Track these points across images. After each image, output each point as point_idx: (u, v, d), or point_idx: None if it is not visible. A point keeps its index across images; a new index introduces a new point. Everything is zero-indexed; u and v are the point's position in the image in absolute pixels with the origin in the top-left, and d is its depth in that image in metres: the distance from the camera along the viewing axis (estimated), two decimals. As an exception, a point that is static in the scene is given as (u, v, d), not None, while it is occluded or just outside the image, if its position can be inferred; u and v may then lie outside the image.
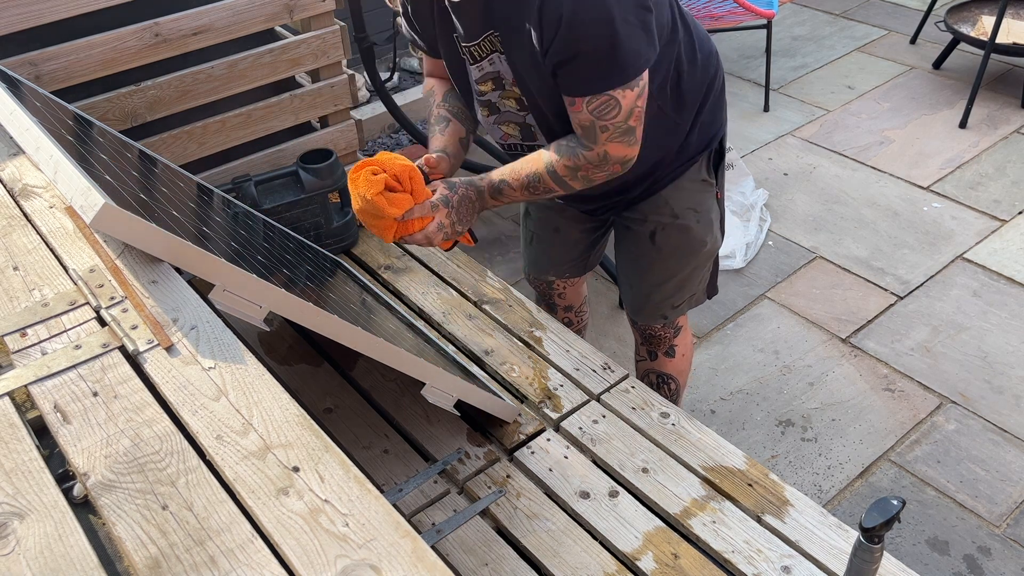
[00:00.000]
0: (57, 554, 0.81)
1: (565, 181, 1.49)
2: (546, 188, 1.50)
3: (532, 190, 1.51)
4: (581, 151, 1.45)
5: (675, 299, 1.82)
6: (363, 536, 0.82)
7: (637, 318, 1.90)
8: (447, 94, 1.66)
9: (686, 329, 1.96)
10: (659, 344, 1.94)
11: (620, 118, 1.38)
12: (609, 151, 1.43)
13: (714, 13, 3.42)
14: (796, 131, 3.60)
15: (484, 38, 1.44)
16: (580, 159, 1.45)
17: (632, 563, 1.41)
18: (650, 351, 1.97)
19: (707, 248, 1.76)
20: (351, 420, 1.69)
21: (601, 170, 1.47)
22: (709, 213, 1.73)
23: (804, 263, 2.91)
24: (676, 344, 1.94)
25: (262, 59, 2.15)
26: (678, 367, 1.99)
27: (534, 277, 2.07)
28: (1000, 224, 3.03)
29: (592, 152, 1.44)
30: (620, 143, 1.42)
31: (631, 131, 1.41)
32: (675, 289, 1.80)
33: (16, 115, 1.34)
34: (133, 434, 0.93)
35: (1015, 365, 2.49)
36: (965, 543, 2.04)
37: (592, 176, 1.48)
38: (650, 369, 2.00)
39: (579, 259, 1.98)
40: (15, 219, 1.27)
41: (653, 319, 1.87)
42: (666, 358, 1.96)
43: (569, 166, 1.46)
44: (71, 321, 1.08)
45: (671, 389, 2.02)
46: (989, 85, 3.77)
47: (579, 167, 1.46)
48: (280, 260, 1.52)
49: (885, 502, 1.15)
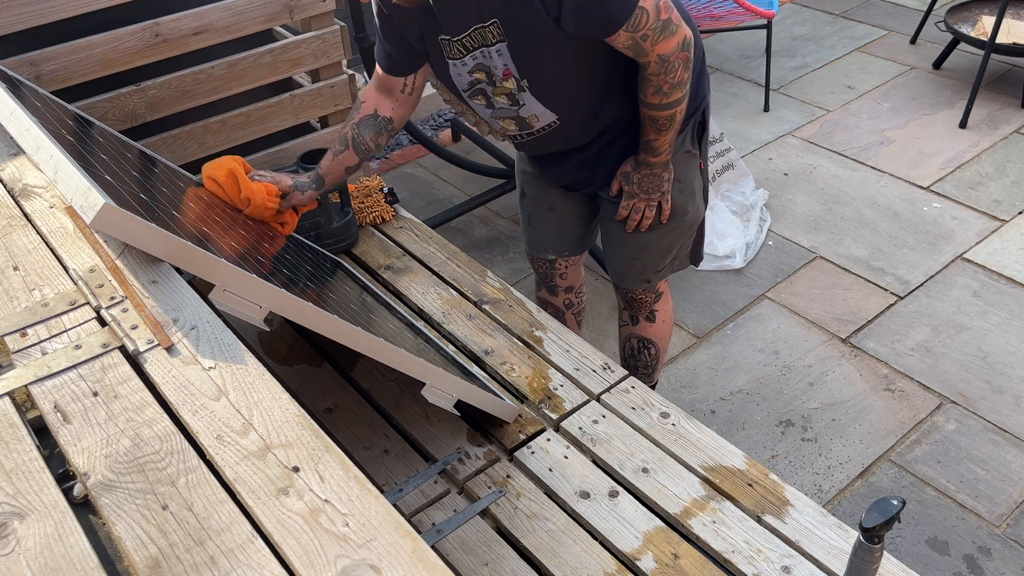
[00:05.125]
0: (57, 554, 0.81)
1: (665, 102, 1.57)
2: (666, 118, 1.60)
3: (663, 127, 1.62)
4: (645, 73, 1.53)
5: (657, 264, 1.92)
6: (363, 536, 0.82)
7: (621, 283, 2.00)
8: (364, 119, 1.75)
9: (667, 296, 2.06)
10: (641, 308, 2.04)
11: (652, 20, 1.45)
12: (660, 52, 1.49)
13: (714, 13, 3.42)
14: (796, 131, 3.60)
15: (473, 30, 1.49)
16: (651, 79, 1.53)
17: (632, 563, 1.41)
18: (632, 315, 2.07)
19: (689, 217, 1.84)
20: (351, 420, 1.69)
21: (671, 71, 1.52)
22: (692, 183, 1.81)
23: (804, 263, 2.91)
24: (657, 309, 2.05)
25: (262, 59, 2.15)
26: (658, 332, 2.09)
27: (535, 257, 2.12)
28: (1000, 224, 3.03)
29: (651, 64, 1.51)
30: (664, 40, 1.48)
31: (667, 23, 1.47)
32: (657, 256, 1.90)
33: (16, 115, 1.34)
34: (133, 434, 0.93)
35: (1015, 365, 2.49)
36: (965, 543, 2.04)
37: (674, 81, 1.54)
38: (632, 334, 2.10)
39: (576, 236, 2.04)
40: (15, 219, 1.27)
41: (636, 283, 1.96)
42: (647, 322, 2.06)
43: (652, 92, 1.55)
44: (71, 321, 1.08)
45: (651, 354, 2.11)
46: (989, 85, 3.77)
47: (658, 85, 1.54)
48: (280, 260, 1.52)
49: (885, 502, 1.15)
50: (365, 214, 2.21)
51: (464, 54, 1.55)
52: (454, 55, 1.57)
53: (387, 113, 1.76)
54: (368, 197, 2.23)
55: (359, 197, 2.23)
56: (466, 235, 3.14)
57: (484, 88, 1.61)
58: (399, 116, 1.78)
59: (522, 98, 1.60)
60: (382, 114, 1.76)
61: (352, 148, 1.75)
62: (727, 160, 3.05)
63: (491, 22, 1.47)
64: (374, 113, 1.75)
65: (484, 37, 1.50)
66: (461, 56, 1.56)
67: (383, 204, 2.23)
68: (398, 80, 1.72)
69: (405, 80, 1.73)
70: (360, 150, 1.76)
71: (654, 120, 1.61)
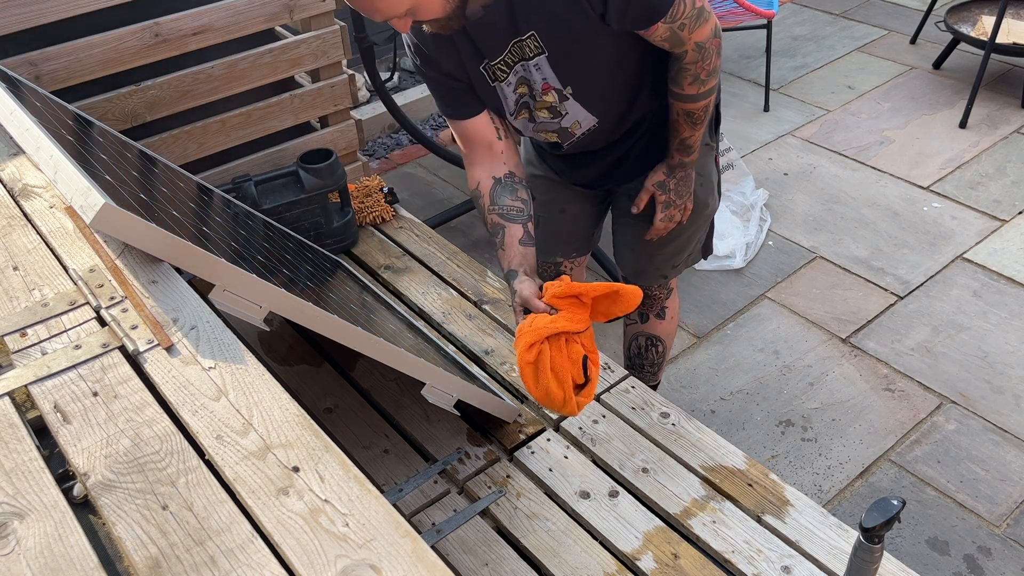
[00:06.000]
0: (57, 554, 0.81)
1: (703, 92, 1.55)
2: (701, 109, 1.59)
3: (698, 121, 1.60)
4: (681, 63, 1.52)
5: (675, 259, 1.91)
6: (363, 536, 0.82)
7: (637, 280, 1.95)
8: (491, 194, 1.58)
9: (676, 292, 2.05)
10: (652, 305, 2.02)
11: (688, 8, 1.44)
12: (696, 39, 1.48)
13: (714, 13, 3.41)
14: (796, 131, 3.59)
15: (513, 45, 1.47)
16: (688, 68, 1.52)
17: (632, 563, 1.41)
18: (642, 313, 2.05)
19: (708, 209, 1.84)
20: (351, 420, 1.69)
21: (708, 58, 1.52)
22: (711, 176, 1.81)
23: (804, 263, 2.91)
24: (667, 306, 2.04)
25: (262, 59, 2.15)
26: (667, 329, 2.08)
27: (543, 260, 2.07)
28: (1000, 224, 3.03)
29: (686, 54, 1.50)
30: (700, 27, 1.48)
31: (701, 11, 1.47)
32: (676, 250, 1.88)
33: (16, 115, 1.34)
34: (133, 434, 0.93)
35: (1015, 365, 2.49)
36: (965, 543, 2.04)
37: (710, 68, 1.53)
38: (640, 332, 2.08)
39: (585, 237, 2.03)
40: (15, 219, 1.27)
41: (654, 280, 1.95)
42: (656, 320, 2.05)
43: (690, 82, 1.53)
44: (71, 321, 1.08)
45: (658, 351, 2.09)
46: (989, 85, 3.77)
47: (696, 74, 1.53)
48: (280, 260, 1.52)
49: (885, 502, 1.15)
50: (365, 214, 2.21)
51: (507, 72, 1.51)
52: (499, 77, 1.52)
53: (501, 172, 1.59)
54: (368, 197, 2.23)
55: (359, 197, 2.23)
56: (466, 235, 3.13)
57: (528, 102, 1.57)
58: (514, 163, 1.61)
59: (564, 108, 1.57)
60: (498, 175, 1.59)
61: (507, 224, 1.56)
62: (727, 160, 3.06)
63: (528, 35, 1.45)
64: (495, 181, 1.58)
65: (523, 51, 1.47)
66: (505, 76, 1.51)
67: (383, 204, 2.23)
68: (482, 128, 1.59)
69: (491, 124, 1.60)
70: (513, 217, 1.57)
71: (690, 114, 1.58)
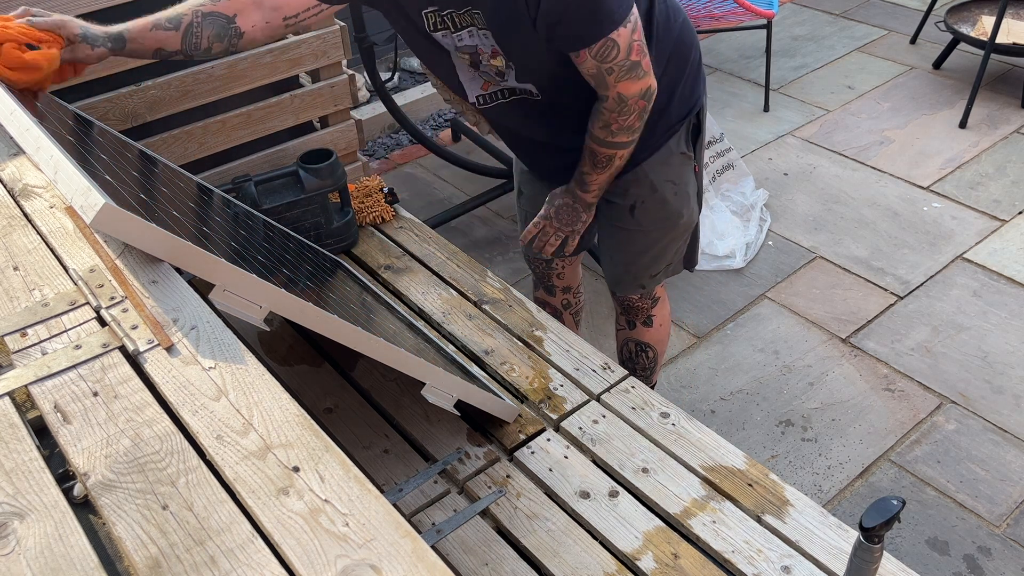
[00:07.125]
0: (57, 554, 0.81)
1: (609, 140, 1.55)
2: (605, 156, 1.58)
3: (600, 164, 1.60)
4: (601, 105, 1.50)
5: (652, 269, 1.90)
6: (363, 536, 0.82)
7: (616, 289, 1.98)
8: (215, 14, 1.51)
9: (664, 300, 2.05)
10: (637, 314, 2.03)
11: (622, 56, 1.42)
12: (621, 91, 1.47)
13: (714, 13, 3.42)
14: (796, 131, 3.60)
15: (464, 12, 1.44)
16: (604, 113, 1.51)
17: (632, 563, 1.41)
18: (629, 321, 2.06)
19: (684, 220, 1.83)
20: (351, 420, 1.69)
21: (626, 114, 1.50)
22: (687, 186, 1.79)
23: (804, 263, 2.91)
24: (654, 314, 2.04)
25: (262, 59, 2.15)
26: (656, 336, 2.08)
27: (532, 256, 2.11)
28: (1000, 224, 3.03)
29: (608, 99, 1.48)
30: (628, 80, 1.46)
31: (636, 66, 1.45)
32: (651, 261, 1.88)
33: (16, 115, 1.34)
34: (133, 434, 0.93)
35: (1015, 365, 2.49)
36: (965, 543, 2.04)
37: (624, 124, 1.52)
38: (629, 338, 2.09)
39: None
40: (15, 219, 1.27)
41: (632, 290, 1.95)
42: (644, 327, 2.05)
43: (600, 126, 1.53)
44: (71, 321, 1.08)
45: (649, 357, 2.10)
46: (989, 85, 3.77)
47: (608, 122, 1.52)
48: (280, 260, 1.52)
49: (885, 502, 1.15)
50: (365, 214, 2.21)
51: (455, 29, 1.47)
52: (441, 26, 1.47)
53: (245, 26, 1.53)
54: (368, 197, 2.23)
55: (359, 197, 2.23)
56: (466, 235, 3.14)
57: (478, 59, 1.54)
58: (252, 39, 1.55)
59: (509, 75, 1.56)
60: (238, 23, 1.53)
61: (182, 34, 1.49)
62: (727, 160, 3.06)
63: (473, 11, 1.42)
64: (231, 16, 1.52)
65: (472, 20, 1.45)
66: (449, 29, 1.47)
67: (383, 204, 2.23)
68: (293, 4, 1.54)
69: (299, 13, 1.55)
70: (189, 43, 1.50)
71: (593, 154, 1.59)
